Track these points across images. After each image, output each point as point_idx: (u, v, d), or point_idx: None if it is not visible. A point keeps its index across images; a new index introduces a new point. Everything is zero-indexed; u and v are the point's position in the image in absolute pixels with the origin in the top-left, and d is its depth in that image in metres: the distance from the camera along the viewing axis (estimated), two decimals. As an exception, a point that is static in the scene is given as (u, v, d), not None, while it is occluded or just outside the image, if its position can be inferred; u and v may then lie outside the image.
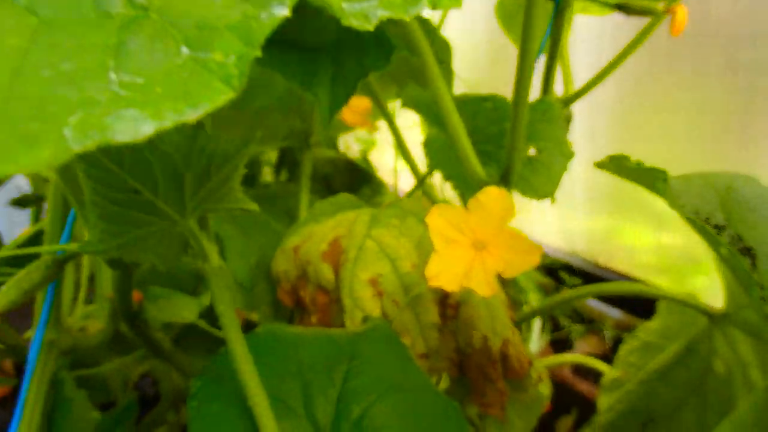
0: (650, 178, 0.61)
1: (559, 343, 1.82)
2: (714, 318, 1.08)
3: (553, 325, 1.83)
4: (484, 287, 0.72)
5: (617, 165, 0.65)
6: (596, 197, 1.96)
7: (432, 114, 1.07)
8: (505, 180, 0.86)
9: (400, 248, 0.87)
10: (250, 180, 1.73)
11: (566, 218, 2.06)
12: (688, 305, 1.11)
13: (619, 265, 1.89)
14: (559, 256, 1.94)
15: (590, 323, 1.87)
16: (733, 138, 1.55)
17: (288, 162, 1.79)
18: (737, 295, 1.07)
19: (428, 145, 1.00)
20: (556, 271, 1.92)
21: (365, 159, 1.93)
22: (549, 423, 1.52)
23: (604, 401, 1.26)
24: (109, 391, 1.34)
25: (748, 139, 1.51)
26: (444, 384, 0.86)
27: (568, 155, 1.03)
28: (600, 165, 0.72)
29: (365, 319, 0.85)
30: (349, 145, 1.96)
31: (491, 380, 0.87)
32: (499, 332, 0.85)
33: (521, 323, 1.41)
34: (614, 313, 1.92)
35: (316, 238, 0.95)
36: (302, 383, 0.70)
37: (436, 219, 0.75)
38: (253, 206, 0.59)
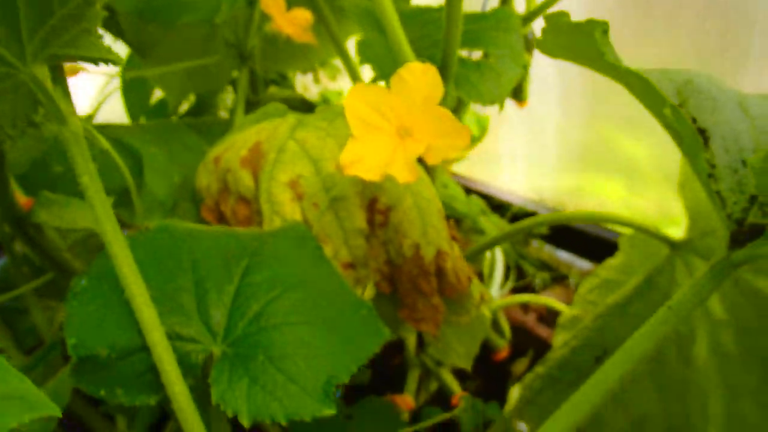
0: (589, 30, 0.53)
1: (525, 293, 1.75)
2: (675, 246, 1.01)
3: (519, 274, 1.76)
4: (404, 172, 0.64)
5: (554, 23, 0.56)
6: (567, 154, 1.89)
7: (373, 21, 0.99)
8: (442, 76, 0.77)
9: (324, 149, 0.78)
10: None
11: (537, 175, 1.99)
12: (650, 233, 1.04)
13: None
14: (529, 206, 1.86)
15: (559, 275, 1.81)
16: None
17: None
18: (699, 222, 1.00)
19: (363, 45, 0.91)
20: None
21: (325, 101, 1.84)
22: (508, 367, 1.45)
23: (559, 339, 1.19)
24: (38, 334, 1.26)
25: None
26: (370, 293, 0.77)
27: (520, 64, 0.95)
28: (541, 43, 0.63)
29: (285, 226, 0.77)
30: (308, 86, 1.87)
31: (424, 293, 0.78)
32: (433, 241, 0.77)
33: (478, 255, 1.34)
34: (583, 265, 1.85)
35: (237, 145, 0.86)
36: (195, 279, 0.62)
37: (354, 101, 0.66)
38: (116, 57, 0.50)
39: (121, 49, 1.39)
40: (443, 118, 0.64)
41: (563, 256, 1.92)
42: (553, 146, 1.85)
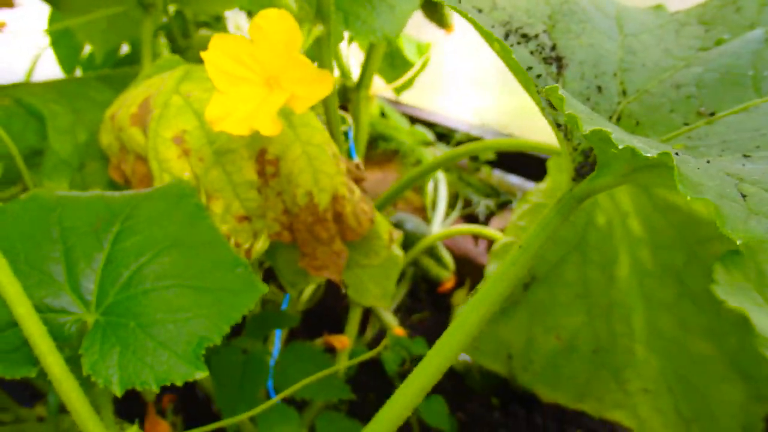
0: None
1: (474, 221, 1.75)
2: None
3: (466, 204, 1.76)
4: (268, 125, 0.62)
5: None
6: (508, 76, 1.85)
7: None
8: (320, 14, 0.74)
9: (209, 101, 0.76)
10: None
11: (480, 99, 1.96)
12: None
13: (536, 137, 1.80)
14: (473, 132, 1.84)
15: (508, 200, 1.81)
16: None
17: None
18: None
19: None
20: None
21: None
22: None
23: (492, 267, 1.20)
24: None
25: None
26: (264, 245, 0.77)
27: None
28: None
29: (176, 184, 0.75)
30: (241, 26, 1.80)
31: (322, 241, 0.78)
32: (326, 188, 0.76)
33: (417, 183, 1.33)
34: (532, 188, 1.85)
35: (128, 102, 0.84)
36: (65, 249, 0.61)
37: (215, 53, 0.64)
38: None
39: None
40: (305, 66, 0.62)
41: (514, 180, 1.92)
42: (493, 69, 1.81)
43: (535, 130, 1.83)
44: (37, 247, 0.60)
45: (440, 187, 1.61)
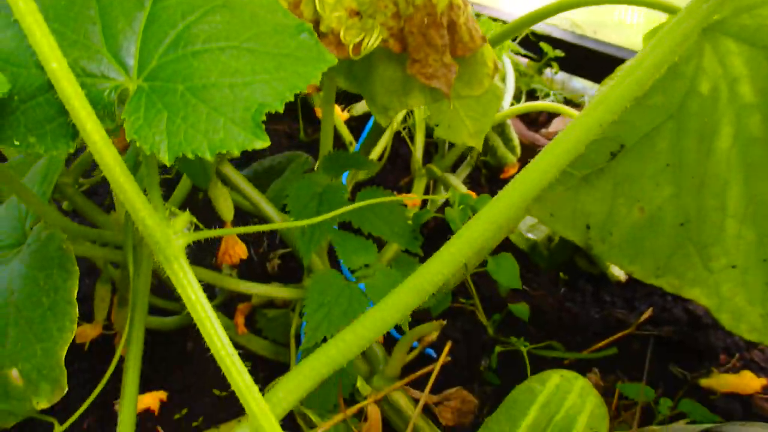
0: None
1: (535, 123, 1.69)
2: (707, 29, 0.93)
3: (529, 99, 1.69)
4: None
5: None
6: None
7: None
8: None
9: None
10: None
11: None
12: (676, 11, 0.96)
13: (611, 36, 1.71)
14: (538, 27, 1.75)
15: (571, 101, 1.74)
16: None
17: None
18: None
19: None
20: (536, 45, 1.75)
21: None
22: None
23: (573, 140, 1.13)
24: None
25: None
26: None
27: None
28: None
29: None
30: None
31: (435, 47, 0.73)
32: (444, -12, 0.70)
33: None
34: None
35: None
36: (100, 7, 0.55)
37: None
38: None
39: None
40: None
41: (578, 85, 1.84)
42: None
43: (611, 30, 1.74)
44: (69, 4, 0.54)
45: (507, 68, 1.54)
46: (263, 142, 0.50)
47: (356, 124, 1.61)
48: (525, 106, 1.35)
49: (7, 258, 0.84)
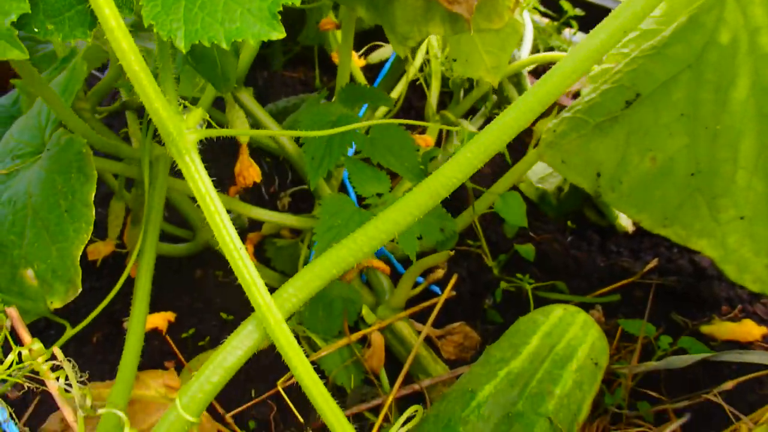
0: None
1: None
2: (731, -22, 0.92)
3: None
4: None
5: None
6: None
7: None
8: None
9: None
10: None
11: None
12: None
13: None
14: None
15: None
16: None
17: None
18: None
19: None
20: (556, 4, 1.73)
21: None
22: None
23: (587, 90, 1.14)
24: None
25: None
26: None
27: None
28: None
29: None
30: None
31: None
32: None
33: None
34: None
35: None
36: None
37: None
38: None
39: None
40: None
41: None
42: None
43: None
44: None
45: (526, 23, 1.52)
46: (279, 33, 0.52)
47: (371, 75, 1.61)
48: (541, 56, 1.35)
49: (26, 165, 0.85)
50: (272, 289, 1.11)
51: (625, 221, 1.22)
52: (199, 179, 0.60)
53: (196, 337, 1.03)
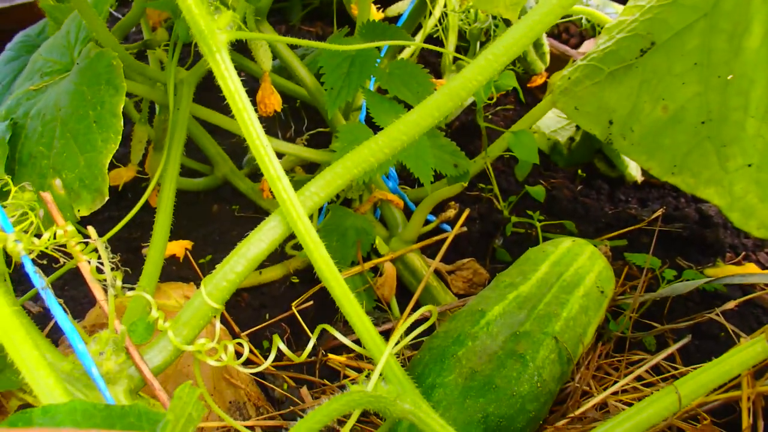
0: None
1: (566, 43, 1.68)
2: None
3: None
4: None
5: None
6: None
7: None
8: None
9: None
10: None
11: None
12: None
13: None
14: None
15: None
16: None
17: None
18: None
19: None
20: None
21: None
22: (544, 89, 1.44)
23: (603, 40, 1.16)
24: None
25: None
26: None
27: None
28: None
29: None
30: None
31: None
32: None
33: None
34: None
35: None
36: None
37: None
38: None
39: None
40: None
41: (610, 11, 1.84)
42: None
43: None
44: None
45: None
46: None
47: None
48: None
49: (55, 81, 0.88)
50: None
51: (634, 171, 1.24)
52: (228, 78, 0.62)
53: (212, 264, 1.06)
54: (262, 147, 0.62)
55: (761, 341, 0.64)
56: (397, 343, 0.62)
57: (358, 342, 0.63)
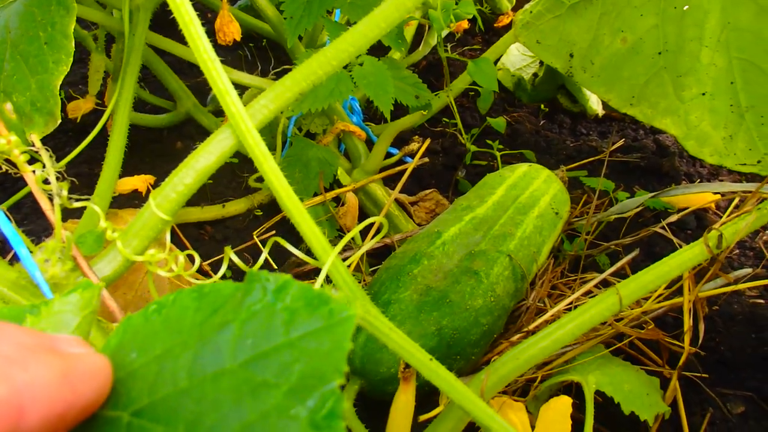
0: None
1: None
2: None
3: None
4: None
5: None
6: None
7: None
8: None
9: None
10: None
11: None
12: None
13: None
14: None
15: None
16: None
17: None
18: None
19: None
20: None
21: None
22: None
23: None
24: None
25: None
26: None
27: None
28: None
29: None
30: None
31: None
32: None
33: None
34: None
35: None
36: None
37: None
38: None
39: None
40: None
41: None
42: None
43: None
44: None
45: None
46: None
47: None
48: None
49: (6, 4, 0.86)
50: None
51: (595, 105, 1.25)
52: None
53: (175, 198, 1.06)
54: (210, 60, 0.62)
55: (699, 244, 0.66)
56: (345, 251, 0.63)
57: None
